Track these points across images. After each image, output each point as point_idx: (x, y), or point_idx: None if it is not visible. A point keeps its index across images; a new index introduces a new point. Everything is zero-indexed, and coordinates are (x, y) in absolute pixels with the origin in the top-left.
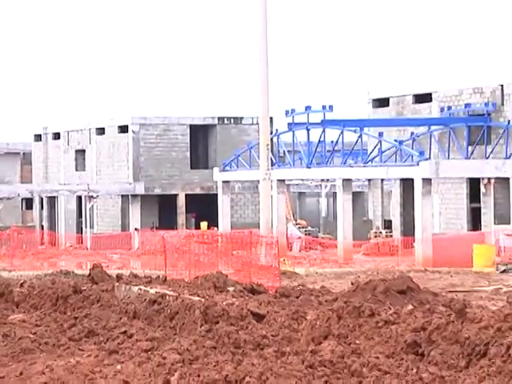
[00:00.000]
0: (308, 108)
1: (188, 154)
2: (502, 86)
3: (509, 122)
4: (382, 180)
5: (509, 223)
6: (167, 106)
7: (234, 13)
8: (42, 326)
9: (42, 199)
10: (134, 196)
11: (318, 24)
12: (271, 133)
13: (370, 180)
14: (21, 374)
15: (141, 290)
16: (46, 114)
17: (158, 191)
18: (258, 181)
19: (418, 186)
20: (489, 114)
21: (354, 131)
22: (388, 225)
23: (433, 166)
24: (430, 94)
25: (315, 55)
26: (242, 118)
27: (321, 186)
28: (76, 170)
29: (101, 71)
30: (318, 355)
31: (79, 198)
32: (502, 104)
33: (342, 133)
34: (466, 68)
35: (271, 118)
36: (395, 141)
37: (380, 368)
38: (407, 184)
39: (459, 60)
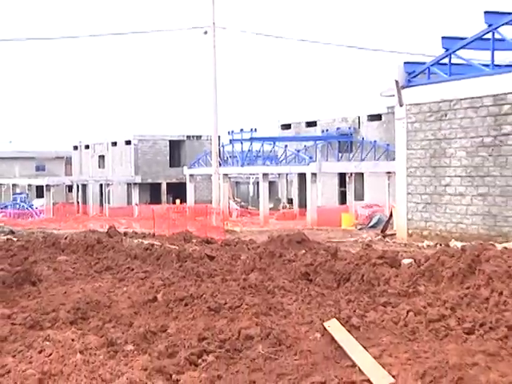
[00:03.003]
0: (241, 130)
1: (168, 158)
2: (359, 116)
3: (363, 138)
4: (287, 174)
5: (363, 200)
6: (154, 123)
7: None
8: (77, 263)
9: (78, 186)
10: (135, 184)
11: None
12: (219, 145)
13: (279, 174)
14: (65, 292)
15: (139, 241)
16: (80, 131)
17: (149, 181)
18: (211, 174)
19: (308, 178)
20: (351, 134)
21: (270, 144)
22: (290, 201)
23: (317, 165)
24: (316, 122)
25: (246, 95)
26: (201, 136)
27: (249, 177)
28: (99, 168)
29: (111, 102)
30: (247, 281)
31: (101, 185)
32: (359, 128)
33: (262, 145)
34: (337, 104)
35: (219, 136)
36: (295, 150)
37: (285, 288)
38: (302, 176)
39: (332, 98)
